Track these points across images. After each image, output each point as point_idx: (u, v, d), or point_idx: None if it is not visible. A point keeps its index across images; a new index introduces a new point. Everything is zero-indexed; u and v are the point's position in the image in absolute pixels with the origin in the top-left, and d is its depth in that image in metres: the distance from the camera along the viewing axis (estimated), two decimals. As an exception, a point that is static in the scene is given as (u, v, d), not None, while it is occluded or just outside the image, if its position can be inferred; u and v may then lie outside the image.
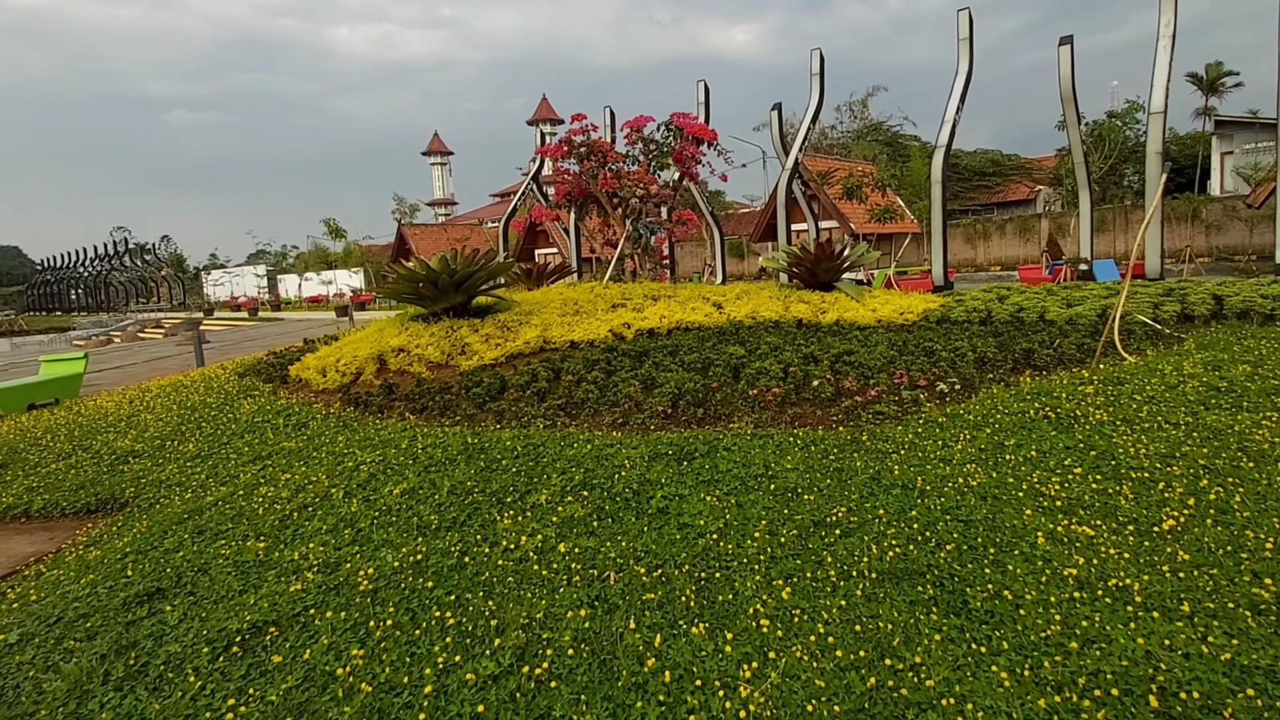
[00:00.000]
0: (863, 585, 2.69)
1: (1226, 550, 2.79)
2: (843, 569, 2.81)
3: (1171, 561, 2.74)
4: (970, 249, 37.64)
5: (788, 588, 2.67)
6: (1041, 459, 3.73)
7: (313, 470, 4.10)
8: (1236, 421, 4.04)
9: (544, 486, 3.66)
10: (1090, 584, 2.63)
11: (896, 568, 2.81)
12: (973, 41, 16.79)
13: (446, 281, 6.93)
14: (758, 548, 2.97)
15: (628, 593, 2.68)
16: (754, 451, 3.96)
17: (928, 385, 5.00)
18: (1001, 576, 2.71)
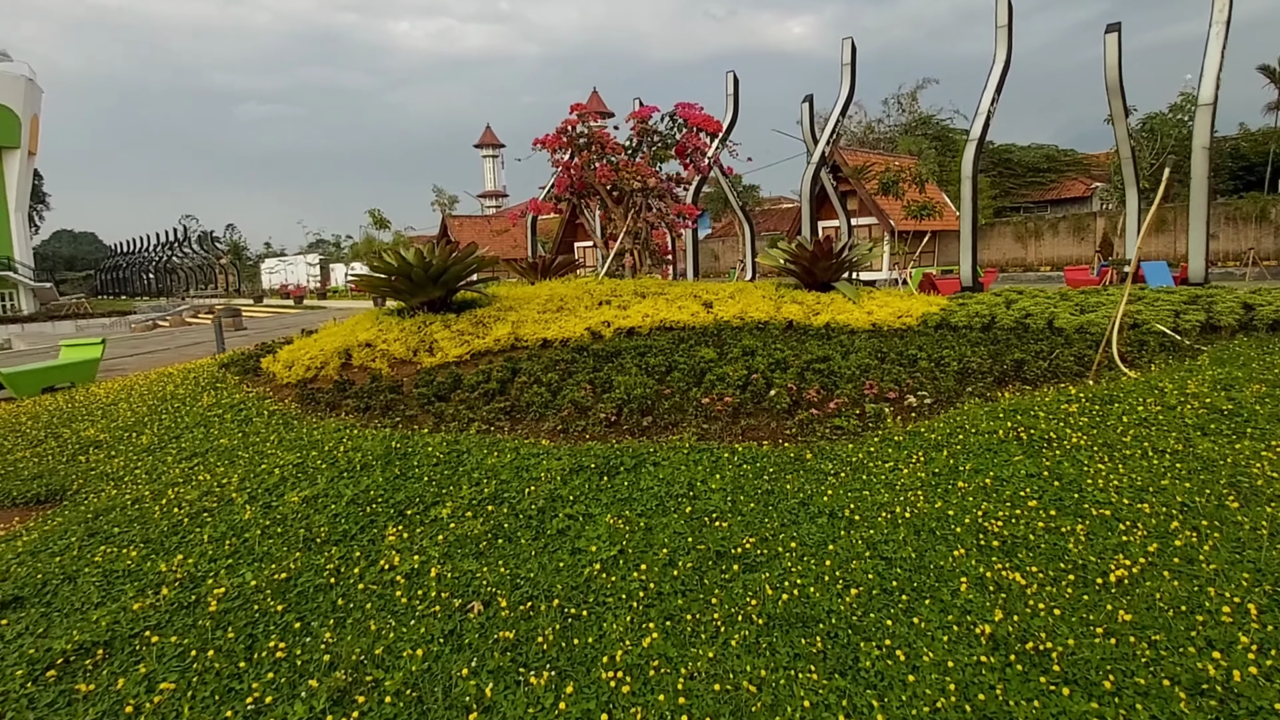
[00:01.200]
0: (746, 632, 2.41)
1: (1179, 611, 2.40)
2: (730, 611, 2.53)
3: (1109, 622, 2.37)
4: (1020, 248, 36.02)
5: (659, 632, 2.41)
6: (997, 488, 3.34)
7: (230, 471, 4.01)
8: (1234, 451, 3.57)
9: (451, 499, 3.47)
10: (1005, 645, 2.29)
11: (791, 612, 2.51)
12: (1011, 29, 15.84)
13: (421, 275, 6.81)
14: (646, 581, 2.71)
15: (486, 628, 2.47)
16: (683, 468, 3.69)
17: (897, 398, 4.62)
18: (906, 630, 2.39)
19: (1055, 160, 43.31)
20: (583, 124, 9.34)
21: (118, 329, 33.22)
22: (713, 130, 9.69)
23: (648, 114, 9.96)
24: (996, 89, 15.74)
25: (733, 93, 20.85)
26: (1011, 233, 36.75)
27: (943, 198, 36.39)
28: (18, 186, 41.97)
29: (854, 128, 50.18)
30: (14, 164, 41.46)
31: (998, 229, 37.08)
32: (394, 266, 6.68)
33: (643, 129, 9.92)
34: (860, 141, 47.60)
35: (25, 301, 42.97)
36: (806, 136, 20.48)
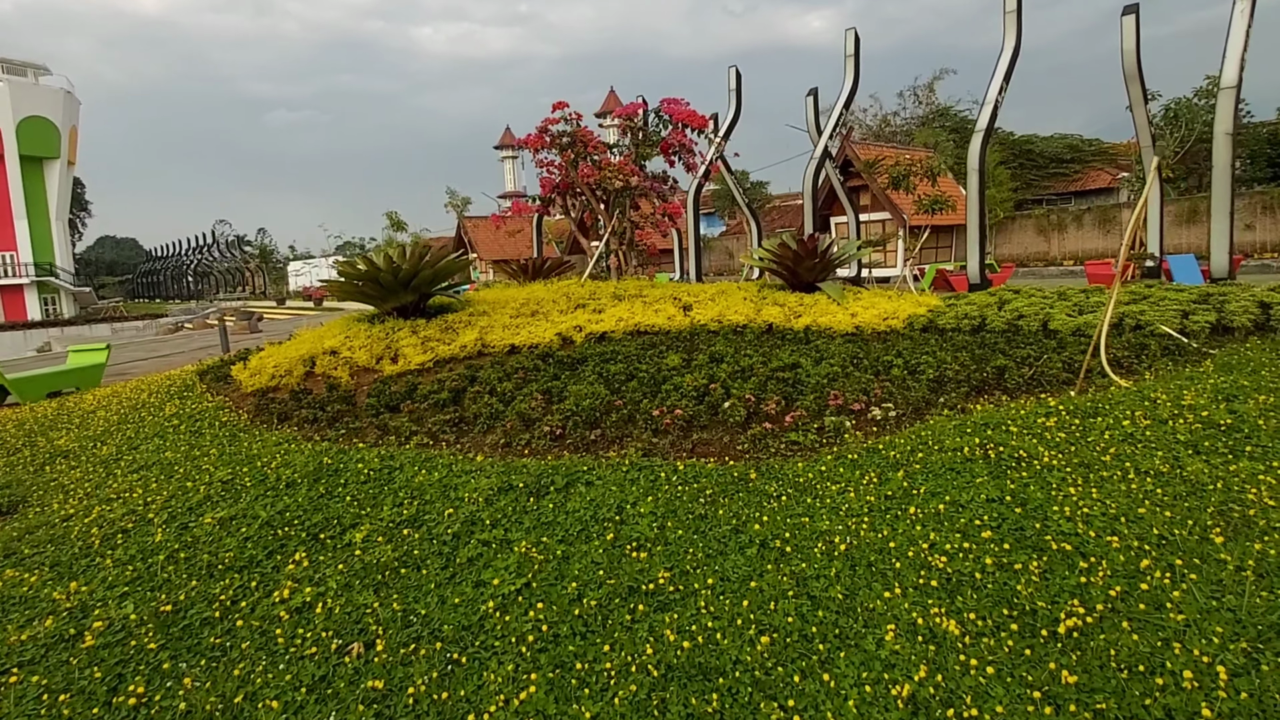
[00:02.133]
0: (637, 686, 2.17)
1: (1135, 672, 2.10)
2: (627, 659, 2.30)
3: (1049, 684, 2.08)
4: (1043, 241, 34.99)
5: (543, 685, 2.19)
6: (951, 515, 3.05)
7: (163, 488, 3.90)
8: (1228, 474, 3.22)
9: (370, 520, 3.29)
10: (925, 710, 2.02)
11: (693, 662, 2.27)
12: (1020, 14, 15.20)
13: (390, 280, 6.67)
14: (543, 621, 2.49)
15: (360, 674, 2.27)
16: (616, 489, 3.45)
17: (861, 410, 4.32)
18: (815, 688, 2.13)
19: (1079, 150, 41.94)
20: (565, 123, 9.12)
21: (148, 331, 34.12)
22: (698, 126, 9.39)
23: (634, 110, 9.70)
24: (1005, 77, 15.09)
25: (735, 88, 20.42)
26: (1033, 226, 35.66)
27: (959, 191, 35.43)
28: (58, 195, 43.37)
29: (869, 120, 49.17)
30: (54, 174, 42.85)
31: (1019, 222, 35.99)
32: (362, 272, 6.55)
33: (628, 126, 9.67)
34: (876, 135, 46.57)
35: (66, 305, 44.40)
36: (811, 130, 19.99)
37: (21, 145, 40.01)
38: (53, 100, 41.99)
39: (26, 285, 41.27)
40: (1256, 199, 28.32)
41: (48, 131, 41.68)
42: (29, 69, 42.11)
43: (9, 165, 39.57)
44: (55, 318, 42.11)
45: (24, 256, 40.94)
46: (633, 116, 9.69)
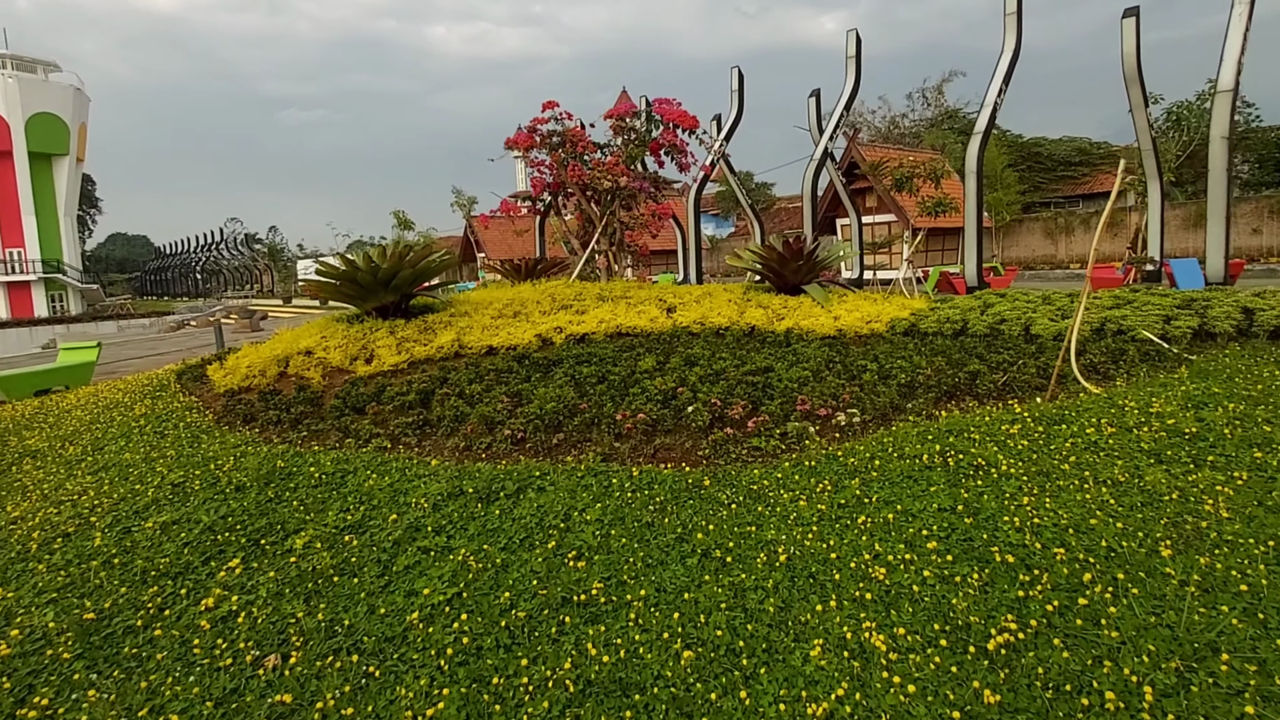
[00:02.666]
0: (551, 703, 2.12)
1: (1060, 691, 2.03)
2: (546, 674, 2.25)
3: (972, 703, 2.01)
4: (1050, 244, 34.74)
5: (456, 701, 2.14)
6: (900, 524, 2.98)
7: (113, 490, 3.88)
8: (1187, 484, 3.14)
9: (314, 526, 3.26)
10: (840, 727, 1.96)
11: (614, 678, 2.22)
12: (1021, 16, 15.06)
13: (369, 279, 6.65)
14: (467, 633, 2.45)
15: (270, 688, 2.23)
16: (566, 495, 3.40)
17: (827, 415, 4.25)
18: (732, 706, 2.07)
19: (1088, 153, 41.62)
20: (555, 122, 9.08)
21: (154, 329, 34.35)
22: (689, 126, 9.32)
23: (626, 110, 9.65)
24: (1005, 79, 14.96)
25: (737, 89, 20.36)
26: (1040, 229, 35.38)
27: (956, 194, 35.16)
28: (66, 192, 43.61)
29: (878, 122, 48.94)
30: (63, 170, 43.08)
31: (1026, 225, 35.70)
32: (340, 271, 6.53)
33: (620, 126, 9.62)
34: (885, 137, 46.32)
35: (74, 302, 44.68)
36: (813, 132, 19.89)
37: (30, 142, 40.30)
38: (62, 97, 42.26)
39: (34, 282, 41.58)
40: (1264, 203, 27.97)
41: (57, 128, 41.94)
42: (39, 65, 42.38)
43: (18, 162, 39.86)
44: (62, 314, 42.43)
45: (31, 253, 41.23)
46: (625, 116, 9.64)
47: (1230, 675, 2.04)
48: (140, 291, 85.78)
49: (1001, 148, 37.75)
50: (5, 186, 39.79)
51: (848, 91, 18.42)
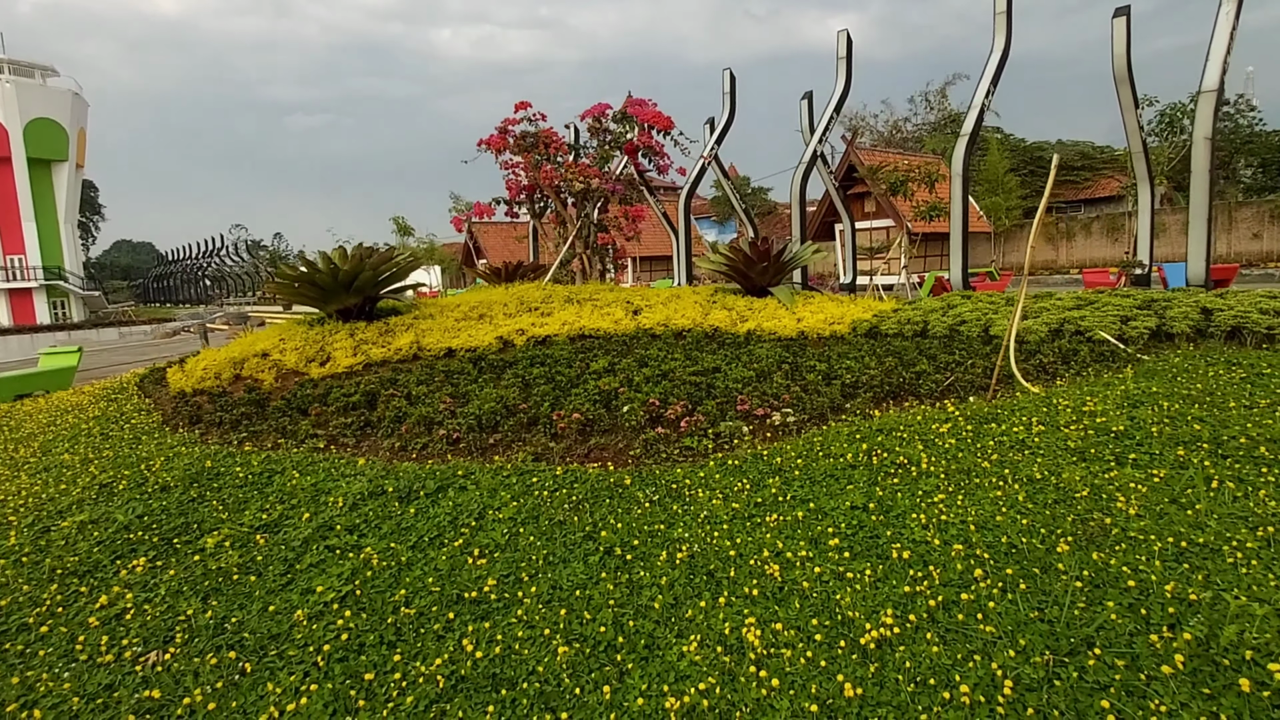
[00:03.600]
0: (418, 697, 2.11)
1: (924, 684, 2.01)
2: (421, 670, 2.24)
3: (834, 697, 1.99)
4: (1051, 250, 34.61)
5: (324, 696, 2.13)
6: (810, 522, 2.97)
7: (44, 490, 3.90)
8: (1104, 481, 3.11)
9: (229, 526, 3.26)
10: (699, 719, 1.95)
11: (488, 674, 2.21)
12: (1010, 16, 15.02)
13: (329, 281, 6.68)
14: (352, 629, 2.44)
15: (145, 684, 2.23)
16: (486, 494, 3.40)
17: (765, 415, 4.24)
18: (597, 700, 2.06)
19: (1090, 158, 41.43)
20: (528, 123, 9.12)
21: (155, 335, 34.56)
22: (664, 127, 9.35)
23: (601, 111, 9.68)
24: (992, 81, 14.86)
25: (729, 91, 20.35)
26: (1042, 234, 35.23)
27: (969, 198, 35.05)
28: (66, 198, 43.72)
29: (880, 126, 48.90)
30: (62, 176, 43.17)
31: (1027, 230, 35.55)
32: (300, 273, 6.57)
33: (596, 127, 9.65)
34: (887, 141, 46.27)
35: (75, 309, 44.92)
36: (805, 136, 19.90)
37: (29, 147, 40.31)
38: (60, 102, 42.17)
39: (35, 289, 41.85)
40: (1265, 208, 27.80)
41: (55, 133, 41.98)
42: (36, 70, 42.22)
43: (16, 167, 39.91)
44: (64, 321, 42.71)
45: (32, 259, 41.47)
46: (601, 117, 9.67)
47: (1098, 669, 2.02)
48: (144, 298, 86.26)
49: (1004, 152, 37.59)
50: (5, 192, 39.92)
51: (838, 93, 18.37)
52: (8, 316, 40.84)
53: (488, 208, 9.74)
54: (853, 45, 18.77)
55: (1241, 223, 29.69)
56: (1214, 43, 11.91)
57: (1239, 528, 2.70)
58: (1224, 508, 2.86)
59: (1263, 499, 2.90)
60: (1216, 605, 2.23)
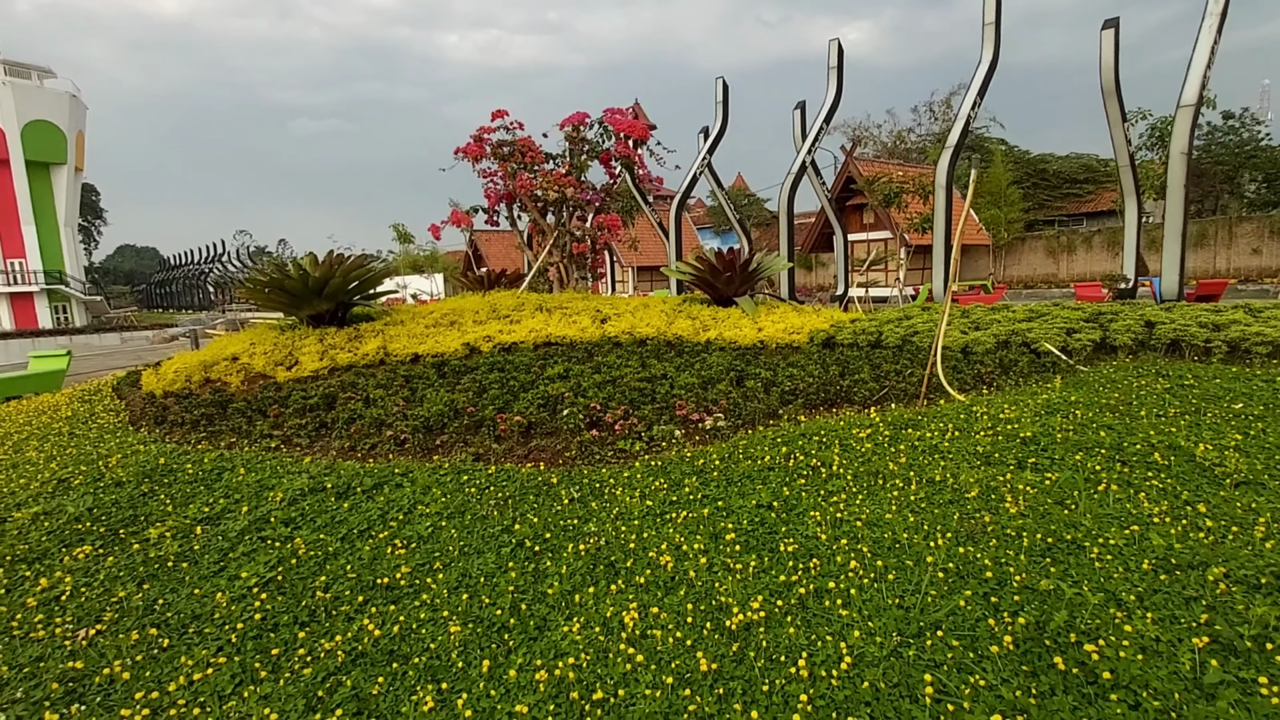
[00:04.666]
0: (315, 669, 2.30)
1: (775, 661, 2.19)
2: (325, 646, 2.42)
3: (690, 671, 2.17)
4: (1052, 263, 34.69)
5: (233, 668, 2.32)
6: (714, 519, 3.14)
7: (7, 484, 4.09)
8: (1000, 482, 3.29)
9: (174, 518, 3.46)
10: (564, 690, 2.12)
11: (385, 650, 2.39)
12: (999, 27, 15.25)
13: (299, 288, 6.90)
14: (268, 611, 2.63)
15: (72, 656, 2.42)
16: (418, 491, 3.59)
17: (699, 420, 4.43)
18: (477, 672, 2.24)
19: (1094, 171, 41.40)
20: (504, 131, 9.38)
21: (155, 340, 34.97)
22: (640, 137, 9.60)
23: (580, 120, 9.93)
24: (979, 92, 15.11)
25: (722, 100, 20.68)
26: (1043, 247, 35.30)
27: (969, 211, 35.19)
28: (66, 202, 43.92)
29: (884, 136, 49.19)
30: (61, 180, 43.33)
31: (1028, 244, 35.61)
32: (270, 279, 6.79)
33: (574, 136, 9.90)
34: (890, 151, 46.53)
35: (77, 314, 45.26)
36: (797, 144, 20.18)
37: (27, 150, 40.29)
38: (58, 104, 41.96)
39: (36, 293, 42.21)
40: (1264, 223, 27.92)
41: (54, 136, 42.00)
42: (33, 71, 42.01)
43: (14, 170, 39.91)
44: (66, 326, 43.10)
45: (33, 264, 41.81)
46: (579, 126, 9.92)
47: (935, 649, 2.19)
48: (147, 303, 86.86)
49: (1007, 164, 37.62)
50: (3, 195, 40.00)
51: (829, 103, 18.68)
52: (9, 320, 41.21)
53: (465, 216, 9.97)
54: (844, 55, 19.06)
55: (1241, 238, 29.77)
56: (1194, 58, 12.13)
57: (1110, 526, 2.88)
58: (1103, 509, 3.04)
59: (1141, 501, 3.08)
60: (1060, 595, 2.40)
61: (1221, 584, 2.46)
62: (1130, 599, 2.40)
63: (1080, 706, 1.98)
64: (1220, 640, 2.19)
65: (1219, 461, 3.38)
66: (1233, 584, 2.46)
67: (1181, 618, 2.31)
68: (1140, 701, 1.99)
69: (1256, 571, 2.50)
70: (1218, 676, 2.05)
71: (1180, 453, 3.51)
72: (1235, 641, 2.18)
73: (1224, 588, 2.44)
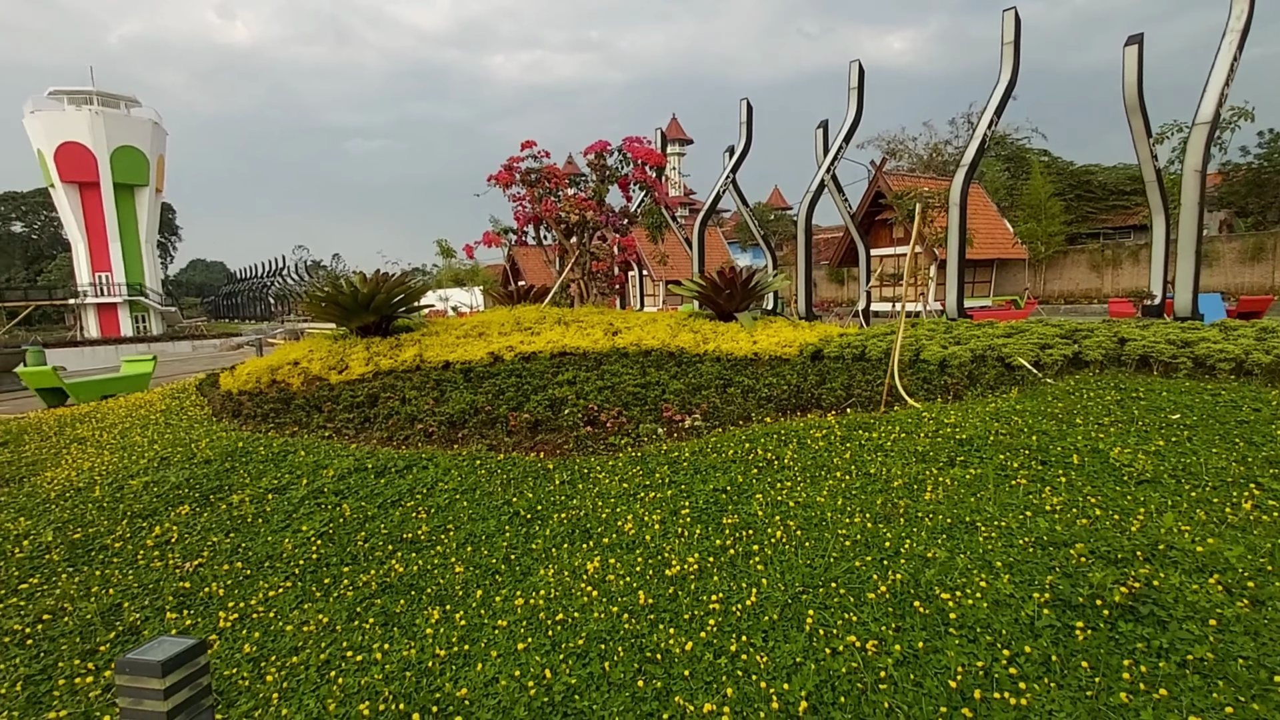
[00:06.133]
0: (360, 591, 3.07)
1: (699, 599, 2.83)
2: (363, 579, 3.19)
3: (631, 604, 2.84)
4: (1095, 277, 33.79)
5: (295, 590, 3.11)
6: (674, 499, 3.80)
7: (120, 461, 5.09)
8: (927, 475, 3.85)
9: (250, 488, 4.33)
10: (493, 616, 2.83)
11: (406, 583, 3.14)
12: (1018, 46, 15.47)
13: (350, 302, 7.88)
14: (319, 554, 3.43)
15: (180, 579, 3.27)
16: (440, 473, 4.37)
17: (680, 420, 5.09)
18: (474, 600, 2.97)
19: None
20: (532, 160, 10.30)
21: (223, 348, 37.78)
22: (656, 164, 10.37)
23: (603, 148, 10.78)
24: (996, 111, 15.35)
25: (746, 120, 21.35)
26: (1086, 261, 34.40)
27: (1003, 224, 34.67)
28: (147, 220, 47.94)
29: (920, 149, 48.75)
30: (144, 200, 47.39)
31: (1070, 257, 34.75)
32: (327, 294, 7.80)
33: (596, 163, 10.75)
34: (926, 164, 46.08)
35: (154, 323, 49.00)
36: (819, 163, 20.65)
37: (115, 173, 44.32)
38: (142, 131, 46.03)
39: (119, 303, 45.94)
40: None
41: (138, 160, 45.96)
42: (121, 101, 46.30)
43: (104, 191, 43.99)
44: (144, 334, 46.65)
45: (118, 277, 45.63)
46: (601, 153, 10.77)
47: (825, 595, 2.80)
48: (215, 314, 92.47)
49: (1049, 176, 36.71)
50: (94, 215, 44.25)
51: (849, 123, 19.12)
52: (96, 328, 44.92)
53: (496, 237, 10.92)
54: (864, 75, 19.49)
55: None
56: (1213, 74, 12.19)
57: (1008, 513, 3.41)
58: (1009, 499, 3.56)
59: (1045, 493, 3.59)
60: (936, 560, 2.97)
61: (1082, 558, 2.98)
62: (999, 565, 2.95)
63: (928, 639, 2.56)
64: (1061, 597, 2.74)
65: (1130, 463, 3.85)
66: (1090, 557, 2.98)
67: (1037, 580, 2.85)
68: (976, 637, 2.56)
69: (1114, 549, 3.02)
70: (1047, 621, 2.60)
71: (1098, 455, 3.98)
72: (1071, 598, 2.72)
73: (1082, 560, 2.96)
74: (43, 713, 2.42)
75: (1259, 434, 4.20)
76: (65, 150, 43.13)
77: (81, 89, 44.25)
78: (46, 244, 67.08)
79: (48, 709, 2.44)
